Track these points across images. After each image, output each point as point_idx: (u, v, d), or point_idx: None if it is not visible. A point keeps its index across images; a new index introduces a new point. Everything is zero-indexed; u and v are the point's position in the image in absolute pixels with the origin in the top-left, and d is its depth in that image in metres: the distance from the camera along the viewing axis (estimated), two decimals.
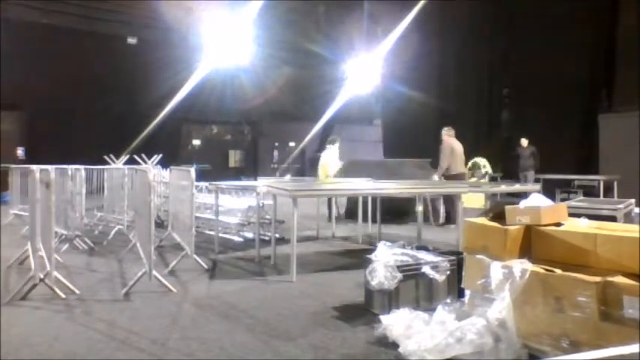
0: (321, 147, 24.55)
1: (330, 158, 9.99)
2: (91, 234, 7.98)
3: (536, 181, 10.62)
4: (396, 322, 3.47)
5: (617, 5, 13.46)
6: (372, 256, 4.28)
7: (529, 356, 3.09)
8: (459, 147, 9.59)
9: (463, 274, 3.72)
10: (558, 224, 3.51)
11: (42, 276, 4.56)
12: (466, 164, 10.81)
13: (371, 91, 20.40)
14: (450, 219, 9.22)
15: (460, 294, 3.85)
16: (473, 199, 8.82)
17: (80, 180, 7.68)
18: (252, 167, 23.67)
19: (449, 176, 9.31)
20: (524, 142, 13.34)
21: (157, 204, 8.55)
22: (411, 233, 7.13)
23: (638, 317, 2.70)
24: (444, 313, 3.40)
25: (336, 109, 20.80)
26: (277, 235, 6.88)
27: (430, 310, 3.60)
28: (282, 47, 20.82)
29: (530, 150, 13.09)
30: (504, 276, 3.24)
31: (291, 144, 24.83)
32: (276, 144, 25.61)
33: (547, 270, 3.16)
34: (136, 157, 11.30)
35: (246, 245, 7.47)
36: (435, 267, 4.21)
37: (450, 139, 9.60)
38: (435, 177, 9.46)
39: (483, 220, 3.76)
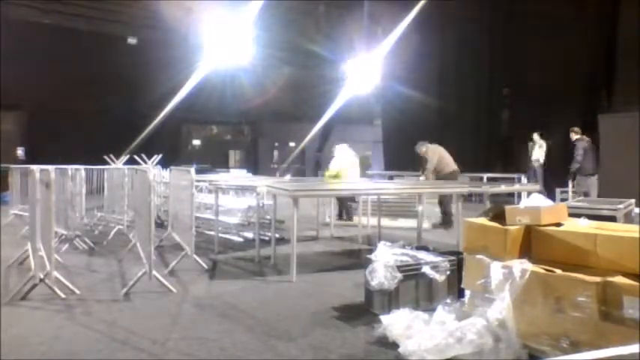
0: (321, 147, 24.63)
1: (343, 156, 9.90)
2: (91, 234, 7.98)
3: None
4: (396, 322, 3.47)
5: (618, 5, 13.46)
6: (372, 256, 4.28)
7: (529, 356, 3.09)
8: (441, 149, 9.66)
9: (463, 274, 3.72)
10: (558, 224, 3.51)
11: (42, 276, 4.55)
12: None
13: (371, 91, 20.36)
14: (449, 221, 9.16)
15: (460, 294, 3.85)
16: None
17: (80, 180, 7.68)
18: (252, 167, 23.68)
19: (442, 176, 9.32)
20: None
21: (157, 204, 8.55)
22: (411, 233, 7.12)
23: (638, 317, 2.70)
24: (444, 313, 3.40)
25: (336, 109, 20.76)
26: (277, 235, 6.88)
27: (430, 310, 3.60)
28: (282, 47, 20.80)
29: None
30: (504, 276, 3.25)
31: (291, 144, 24.83)
32: (276, 144, 25.62)
33: (547, 270, 3.16)
34: (135, 157, 11.29)
35: (246, 245, 7.46)
36: (435, 267, 4.21)
37: (433, 147, 9.63)
38: (422, 178, 9.52)
39: (483, 220, 3.76)
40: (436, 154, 9.45)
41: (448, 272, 4.22)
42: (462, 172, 10.71)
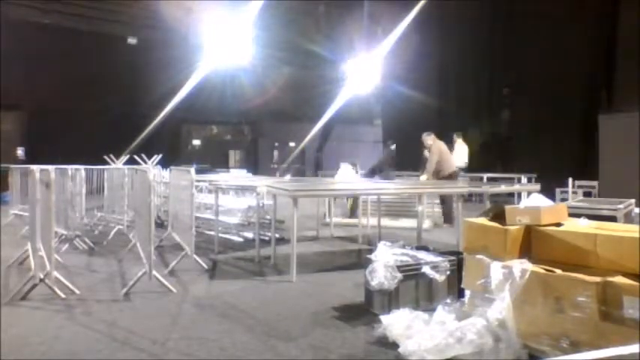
0: (321, 147, 24.62)
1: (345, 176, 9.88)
2: (91, 234, 7.98)
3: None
4: (396, 322, 3.47)
5: (618, 5, 13.46)
6: (372, 256, 4.28)
7: (529, 356, 3.09)
8: (445, 147, 9.63)
9: (463, 274, 3.72)
10: (558, 224, 3.51)
11: (42, 276, 4.55)
12: None
13: (371, 91, 20.38)
14: (448, 219, 9.26)
15: (460, 294, 3.85)
16: None
17: (80, 180, 7.68)
18: (252, 167, 23.68)
19: (442, 177, 9.31)
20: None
21: (157, 204, 8.55)
22: (411, 233, 7.13)
23: (638, 317, 2.70)
24: (444, 313, 3.40)
25: (336, 109, 20.78)
26: (277, 235, 6.88)
27: (430, 310, 3.60)
28: (282, 47, 20.80)
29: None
30: (504, 276, 3.25)
31: (291, 144, 24.83)
32: (276, 144, 25.60)
33: (547, 270, 3.16)
34: (136, 157, 11.29)
35: (246, 245, 7.47)
36: (435, 267, 4.21)
37: (437, 143, 9.61)
38: (423, 177, 9.50)
39: (483, 220, 3.76)
40: (439, 152, 9.43)
41: (448, 272, 4.22)
42: (462, 171, 10.72)
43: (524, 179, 12.72)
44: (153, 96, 17.74)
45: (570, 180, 10.34)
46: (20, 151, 17.45)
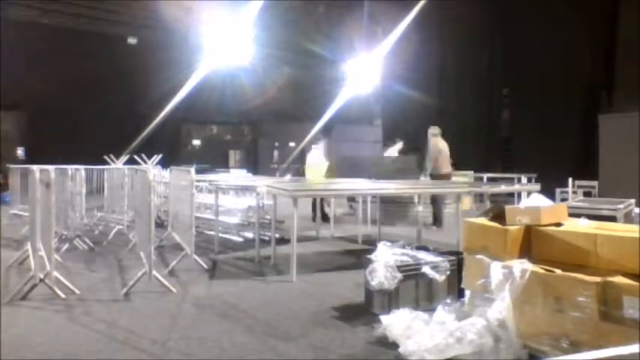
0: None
1: (316, 159, 9.77)
2: (91, 234, 7.98)
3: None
4: (396, 322, 3.48)
5: (618, 5, 13.46)
6: (372, 256, 4.29)
7: (529, 356, 3.09)
8: (445, 147, 9.57)
9: (463, 274, 3.72)
10: (558, 224, 3.51)
11: (42, 276, 4.55)
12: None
13: (371, 91, 20.36)
14: (437, 221, 9.17)
15: (460, 294, 3.85)
16: None
17: (80, 180, 7.69)
18: (252, 167, 23.68)
19: (436, 176, 9.26)
20: None
21: (157, 204, 8.55)
22: (411, 233, 7.13)
23: (638, 317, 2.70)
24: (444, 313, 3.40)
25: (336, 109, 20.74)
26: (277, 235, 6.88)
27: (430, 310, 3.61)
28: (282, 47, 20.79)
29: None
30: (504, 276, 3.24)
31: (291, 144, 24.83)
32: (276, 144, 25.61)
33: (547, 270, 3.16)
34: (136, 157, 11.29)
35: (246, 245, 7.46)
36: (435, 267, 4.21)
37: (436, 139, 9.57)
38: (422, 177, 9.45)
39: (483, 220, 3.76)
40: (438, 151, 9.40)
41: (448, 272, 4.22)
42: (460, 170, 10.65)
43: (524, 179, 12.70)
44: (153, 96, 17.74)
45: (570, 180, 10.32)
46: (20, 151, 17.47)
